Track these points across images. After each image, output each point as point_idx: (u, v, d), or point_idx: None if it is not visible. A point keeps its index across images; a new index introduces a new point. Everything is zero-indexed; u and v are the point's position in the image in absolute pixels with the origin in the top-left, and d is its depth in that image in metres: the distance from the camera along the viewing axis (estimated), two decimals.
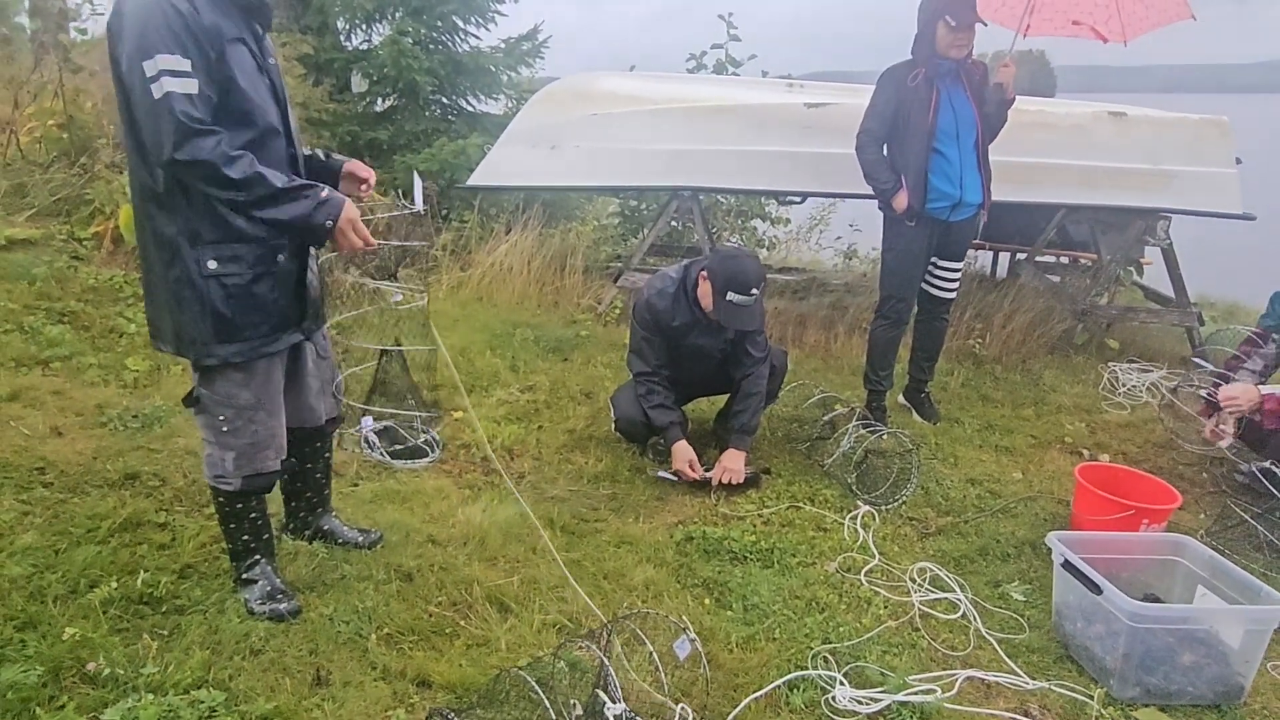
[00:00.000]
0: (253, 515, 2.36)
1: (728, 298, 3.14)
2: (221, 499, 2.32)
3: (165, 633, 2.23)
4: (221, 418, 2.20)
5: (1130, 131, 5.07)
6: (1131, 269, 6.07)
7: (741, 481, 3.29)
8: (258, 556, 2.40)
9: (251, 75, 2.01)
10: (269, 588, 2.37)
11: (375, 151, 6.73)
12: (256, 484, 2.30)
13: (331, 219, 2.03)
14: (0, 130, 5.32)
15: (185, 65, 1.85)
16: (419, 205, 2.41)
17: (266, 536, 2.42)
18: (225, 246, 2.04)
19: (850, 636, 2.48)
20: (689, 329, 3.36)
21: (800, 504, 3.26)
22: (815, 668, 2.32)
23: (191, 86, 1.86)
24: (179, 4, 1.87)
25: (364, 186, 2.36)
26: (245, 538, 2.37)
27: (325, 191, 2.03)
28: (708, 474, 3.29)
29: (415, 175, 2.41)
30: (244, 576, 2.39)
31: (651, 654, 2.10)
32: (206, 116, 1.90)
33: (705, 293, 3.24)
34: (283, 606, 2.34)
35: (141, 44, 1.84)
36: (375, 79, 6.92)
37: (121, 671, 2.04)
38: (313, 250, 2.30)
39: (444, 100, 7.25)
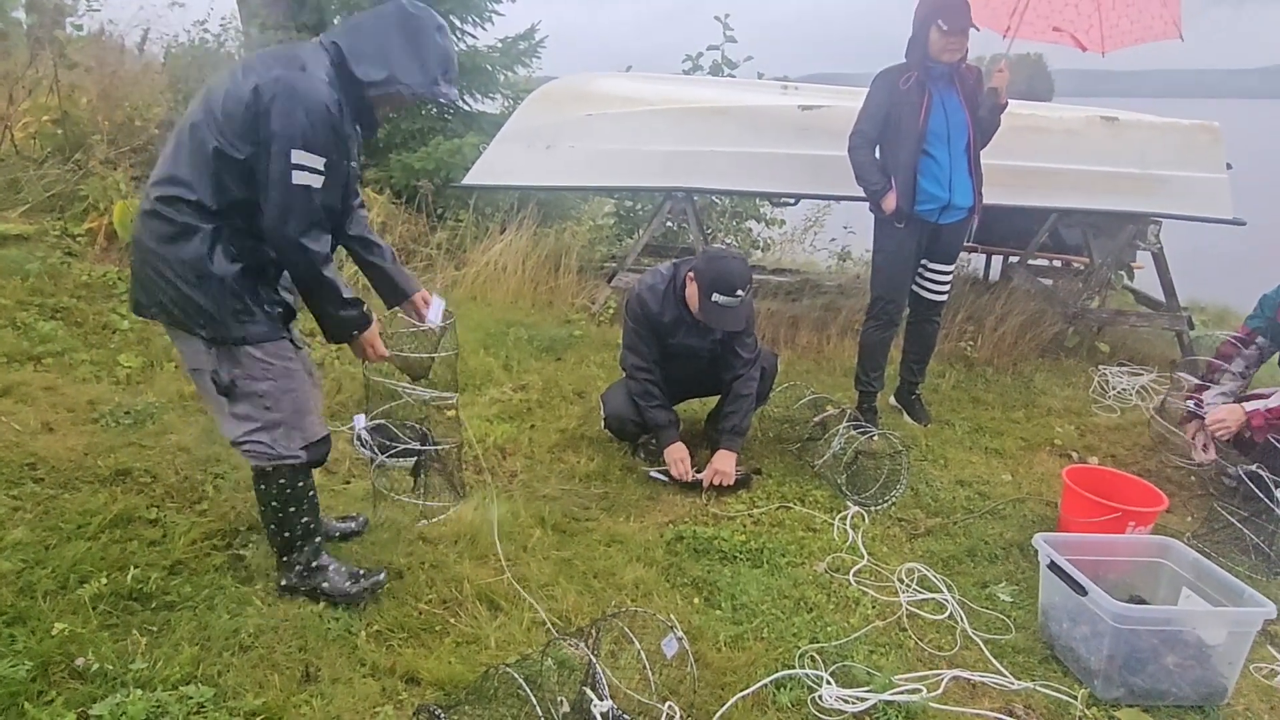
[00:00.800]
0: (310, 492, 2.40)
1: (713, 299, 3.15)
2: (283, 480, 2.31)
3: (155, 628, 2.24)
4: (261, 392, 2.24)
5: (1122, 136, 5.10)
6: (1123, 273, 6.11)
7: (732, 483, 3.31)
8: (319, 539, 2.43)
9: (340, 177, 2.22)
10: (344, 568, 2.43)
11: (370, 150, 6.71)
12: (318, 452, 2.39)
13: (358, 331, 2.33)
14: None
15: (320, 165, 2.10)
16: (437, 322, 2.75)
17: (319, 514, 2.45)
18: (257, 246, 2.19)
19: (838, 636, 2.50)
20: (676, 327, 3.37)
21: (790, 504, 3.28)
22: (802, 667, 2.34)
23: (317, 182, 2.10)
24: (334, 110, 2.10)
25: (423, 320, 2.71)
26: (305, 519, 2.38)
27: (365, 308, 2.33)
28: (699, 475, 3.31)
29: (435, 298, 2.77)
30: (315, 564, 2.41)
31: (640, 652, 2.11)
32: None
33: (692, 294, 3.25)
34: (378, 577, 2.43)
35: (297, 131, 2.05)
36: None
37: (110, 667, 2.05)
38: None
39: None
